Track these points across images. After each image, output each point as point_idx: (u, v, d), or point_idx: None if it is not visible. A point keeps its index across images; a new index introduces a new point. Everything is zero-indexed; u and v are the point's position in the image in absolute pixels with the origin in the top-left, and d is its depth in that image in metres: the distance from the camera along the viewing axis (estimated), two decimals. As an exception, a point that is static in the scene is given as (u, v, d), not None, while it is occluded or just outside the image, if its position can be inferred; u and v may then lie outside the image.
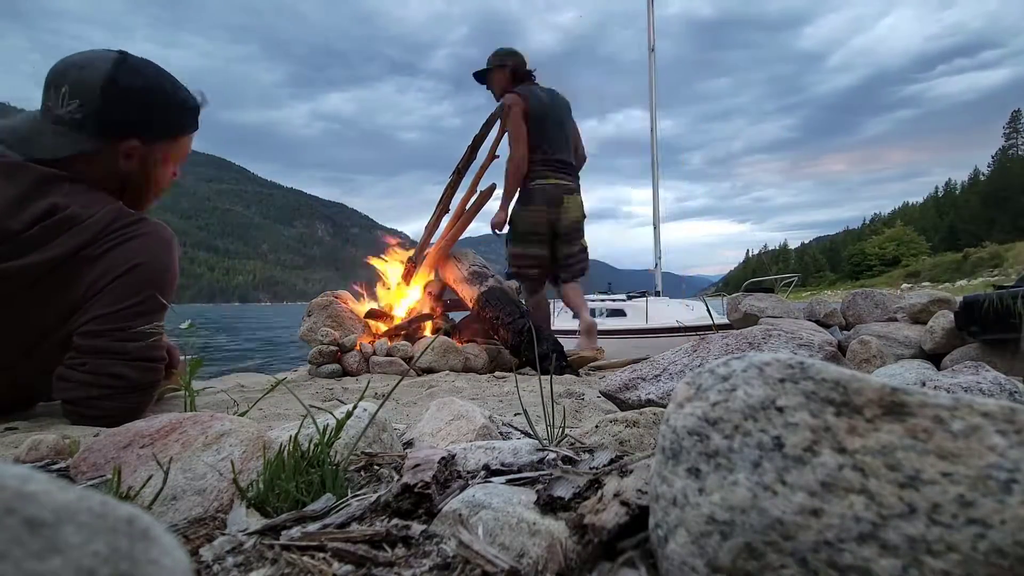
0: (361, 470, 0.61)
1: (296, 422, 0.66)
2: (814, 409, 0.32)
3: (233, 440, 0.58)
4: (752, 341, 1.13)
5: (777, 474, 0.30)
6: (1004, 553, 0.26)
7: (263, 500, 0.50)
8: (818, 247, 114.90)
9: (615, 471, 0.51)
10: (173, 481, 0.53)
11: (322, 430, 0.57)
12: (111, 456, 0.58)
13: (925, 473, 0.29)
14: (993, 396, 0.79)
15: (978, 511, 0.27)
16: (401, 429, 0.82)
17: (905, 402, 0.31)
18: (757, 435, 0.32)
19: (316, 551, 0.41)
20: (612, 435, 0.70)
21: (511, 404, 1.38)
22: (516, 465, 0.58)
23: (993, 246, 57.54)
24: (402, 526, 0.43)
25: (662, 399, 1.05)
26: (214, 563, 0.40)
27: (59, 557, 0.18)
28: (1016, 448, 0.28)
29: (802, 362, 0.34)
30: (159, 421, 0.61)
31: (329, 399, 1.62)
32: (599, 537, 0.38)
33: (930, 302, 1.45)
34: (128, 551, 0.20)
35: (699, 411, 0.35)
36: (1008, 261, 50.37)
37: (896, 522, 0.28)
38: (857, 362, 1.25)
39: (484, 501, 0.44)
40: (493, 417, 0.80)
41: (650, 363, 1.17)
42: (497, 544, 0.40)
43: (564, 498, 0.47)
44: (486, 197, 2.98)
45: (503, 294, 2.64)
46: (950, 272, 55.18)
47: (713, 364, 0.37)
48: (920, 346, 1.37)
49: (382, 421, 0.69)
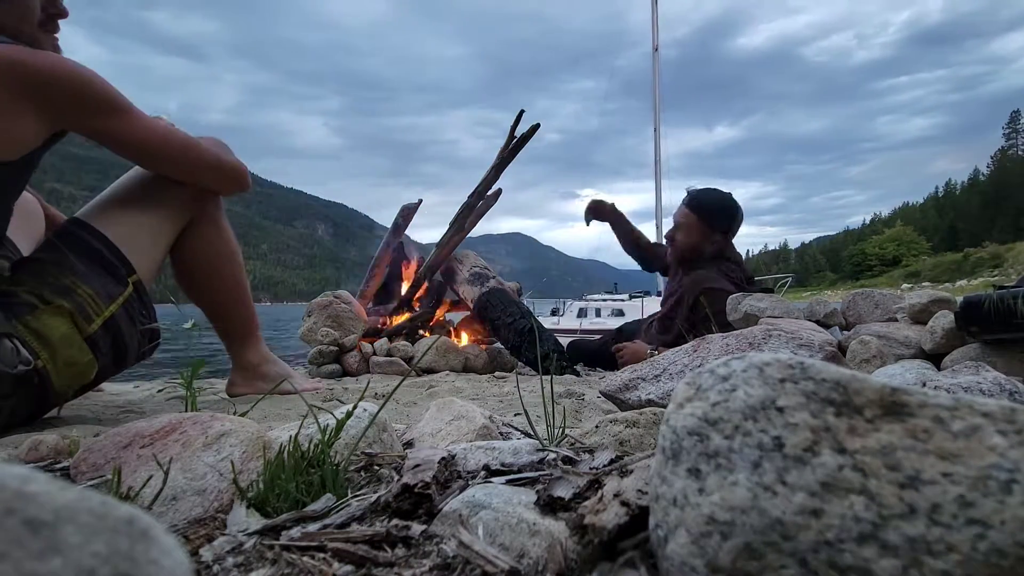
0: (361, 470, 0.61)
1: (296, 422, 0.66)
2: (814, 409, 0.32)
3: (233, 440, 0.58)
4: (752, 341, 1.13)
5: (777, 474, 0.30)
6: (1004, 553, 0.26)
7: (263, 500, 0.50)
8: (818, 247, 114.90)
9: (615, 471, 0.51)
10: (173, 481, 0.53)
11: (322, 430, 0.57)
12: (111, 456, 0.58)
13: (925, 473, 0.29)
14: (993, 396, 0.79)
15: (978, 511, 0.27)
16: (401, 429, 0.82)
17: (905, 402, 0.31)
18: (757, 435, 0.32)
19: (316, 551, 0.41)
20: (612, 435, 0.70)
21: (511, 404, 1.38)
22: (516, 465, 0.58)
23: (993, 246, 57.56)
24: (402, 526, 0.43)
25: (662, 399, 1.05)
26: (214, 563, 0.40)
27: (59, 557, 0.18)
28: (1016, 448, 0.28)
29: (802, 362, 0.34)
30: (159, 421, 0.61)
31: (329, 399, 1.62)
32: (599, 537, 0.38)
33: (930, 302, 1.45)
34: (128, 551, 0.20)
35: (699, 411, 0.35)
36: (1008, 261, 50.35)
37: (896, 522, 0.28)
38: (857, 362, 1.25)
39: (484, 501, 0.44)
40: (493, 417, 0.80)
41: (650, 363, 1.17)
42: (497, 544, 0.40)
43: (564, 498, 0.47)
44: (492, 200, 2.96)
45: (504, 295, 2.64)
46: (950, 272, 55.20)
47: (713, 364, 0.37)
48: (920, 346, 1.37)
49: (382, 421, 0.69)
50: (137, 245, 1.32)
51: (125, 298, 1.27)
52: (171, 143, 1.31)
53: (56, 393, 1.17)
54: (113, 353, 1.25)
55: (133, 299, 1.29)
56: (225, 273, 1.52)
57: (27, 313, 1.12)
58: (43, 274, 1.18)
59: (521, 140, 2.75)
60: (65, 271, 1.20)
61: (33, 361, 1.10)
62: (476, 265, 2.88)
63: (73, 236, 1.26)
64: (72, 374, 1.18)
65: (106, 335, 1.22)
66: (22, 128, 1.09)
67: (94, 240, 1.26)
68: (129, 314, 1.28)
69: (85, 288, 1.20)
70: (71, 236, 1.26)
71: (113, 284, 1.26)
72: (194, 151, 1.36)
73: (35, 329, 1.12)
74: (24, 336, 1.10)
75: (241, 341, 1.59)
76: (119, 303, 1.25)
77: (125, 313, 1.27)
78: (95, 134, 1.21)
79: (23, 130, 1.09)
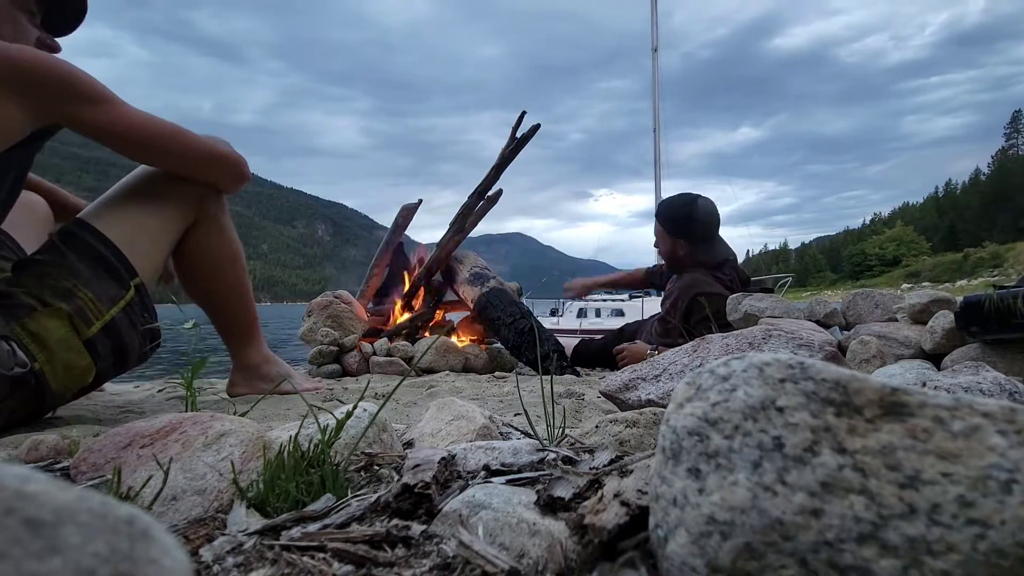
0: (361, 470, 0.61)
1: (296, 422, 0.66)
2: (814, 409, 0.32)
3: (233, 440, 0.58)
4: (752, 341, 1.13)
5: (777, 474, 0.30)
6: (1004, 553, 0.26)
7: (263, 500, 0.50)
8: (818, 247, 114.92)
9: (615, 471, 0.51)
10: (173, 481, 0.53)
11: (322, 430, 0.57)
12: (111, 456, 0.58)
13: (925, 473, 0.29)
14: (993, 396, 0.79)
15: (978, 511, 0.27)
16: (401, 429, 0.82)
17: (905, 402, 0.31)
18: (757, 435, 0.32)
19: (316, 551, 0.41)
20: (612, 435, 0.70)
21: (511, 404, 1.38)
22: (516, 465, 0.58)
23: (993, 246, 57.57)
24: (402, 526, 0.43)
25: (662, 399, 1.05)
26: (214, 563, 0.40)
27: (59, 557, 0.18)
28: (1016, 448, 0.28)
29: (802, 362, 0.34)
30: (159, 421, 0.61)
31: (329, 399, 1.62)
32: (599, 537, 0.38)
33: (930, 302, 1.45)
34: (128, 551, 0.20)
35: (699, 411, 0.35)
36: (1008, 261, 50.37)
37: (896, 522, 0.28)
38: (857, 362, 1.25)
39: (484, 501, 0.44)
40: (493, 417, 0.80)
41: (650, 363, 1.17)
42: (497, 544, 0.40)
43: (564, 498, 0.47)
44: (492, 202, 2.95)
45: (504, 295, 2.64)
46: (950, 272, 55.21)
47: (713, 364, 0.37)
48: (920, 346, 1.37)
49: (382, 421, 0.69)
50: (139, 247, 1.31)
51: (127, 301, 1.27)
52: (158, 131, 1.29)
53: (54, 395, 1.17)
54: (113, 356, 1.25)
55: (135, 302, 1.28)
56: (227, 273, 1.52)
57: (25, 315, 1.12)
58: (44, 276, 1.18)
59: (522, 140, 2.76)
60: (66, 274, 1.19)
61: (30, 363, 1.10)
62: (476, 265, 2.88)
63: (75, 238, 1.26)
64: (70, 377, 1.17)
65: (106, 338, 1.22)
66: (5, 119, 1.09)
67: (96, 242, 1.26)
68: (130, 317, 1.27)
69: (86, 291, 1.19)
70: (73, 238, 1.26)
71: (115, 287, 1.25)
72: (183, 138, 1.33)
73: (33, 331, 1.12)
74: (22, 338, 1.10)
75: (242, 341, 1.58)
76: (120, 307, 1.25)
77: (126, 316, 1.26)
78: (81, 125, 1.20)
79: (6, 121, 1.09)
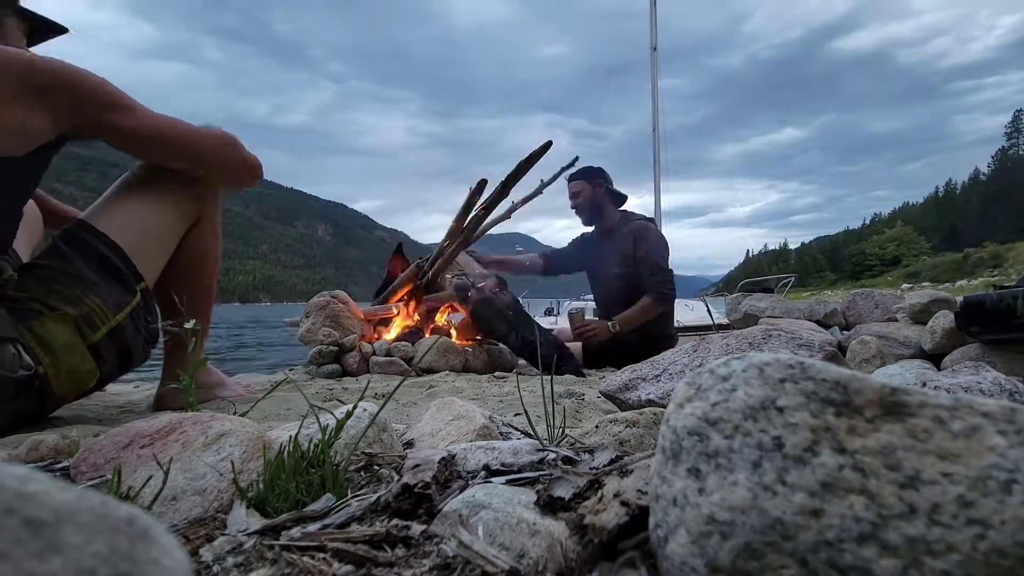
0: (361, 470, 0.61)
1: (296, 422, 0.66)
2: (814, 409, 0.32)
3: (233, 440, 0.58)
4: (752, 341, 1.13)
5: (777, 474, 0.30)
6: (1004, 553, 0.26)
7: (263, 500, 0.50)
8: (818, 247, 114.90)
9: (615, 471, 0.51)
10: (173, 481, 0.53)
11: (322, 430, 0.57)
12: (111, 456, 0.58)
13: (925, 473, 0.29)
14: (993, 396, 0.79)
15: (978, 511, 0.27)
16: (401, 429, 0.82)
17: (905, 402, 0.31)
18: (757, 435, 0.32)
19: (316, 551, 0.41)
20: (612, 435, 0.70)
21: (511, 404, 1.38)
22: (516, 465, 0.58)
23: (993, 246, 57.58)
24: (402, 526, 0.43)
25: (662, 399, 1.05)
26: (214, 563, 0.40)
27: (59, 557, 0.18)
28: (1016, 448, 0.28)
29: (802, 362, 0.34)
30: (159, 421, 0.61)
31: (329, 399, 1.62)
32: (599, 537, 0.38)
33: (930, 302, 1.45)
34: (128, 551, 0.20)
35: (699, 411, 0.35)
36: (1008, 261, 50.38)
37: (896, 522, 0.28)
38: (857, 362, 1.25)
39: (484, 501, 0.44)
40: (493, 417, 0.80)
41: (650, 363, 1.17)
42: (497, 544, 0.40)
43: (564, 498, 0.47)
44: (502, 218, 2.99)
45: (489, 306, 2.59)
46: (950, 272, 55.21)
47: (713, 364, 0.37)
48: (920, 346, 1.37)
49: (382, 421, 0.69)
50: (146, 251, 1.31)
51: (132, 307, 1.26)
52: (180, 133, 1.30)
53: (56, 397, 1.17)
54: (118, 359, 1.25)
55: (140, 307, 1.28)
56: (204, 274, 1.50)
57: (32, 319, 1.12)
58: (51, 282, 1.17)
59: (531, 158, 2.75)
60: (73, 279, 1.19)
61: (35, 367, 1.10)
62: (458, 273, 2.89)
63: (80, 241, 1.25)
64: (73, 381, 1.17)
65: (111, 343, 1.21)
66: (29, 125, 1.11)
67: (103, 246, 1.25)
68: (135, 321, 1.27)
69: (93, 298, 1.19)
70: (79, 241, 1.25)
71: (122, 293, 1.25)
72: (204, 138, 1.34)
73: (39, 335, 1.12)
74: (28, 341, 1.10)
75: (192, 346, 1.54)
76: (126, 312, 1.24)
77: (131, 321, 1.26)
78: (103, 130, 1.20)
79: (30, 127, 1.11)
